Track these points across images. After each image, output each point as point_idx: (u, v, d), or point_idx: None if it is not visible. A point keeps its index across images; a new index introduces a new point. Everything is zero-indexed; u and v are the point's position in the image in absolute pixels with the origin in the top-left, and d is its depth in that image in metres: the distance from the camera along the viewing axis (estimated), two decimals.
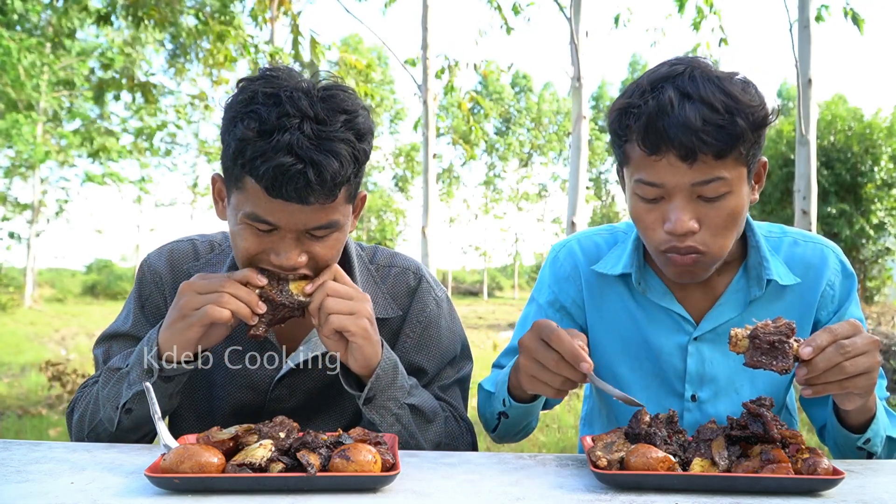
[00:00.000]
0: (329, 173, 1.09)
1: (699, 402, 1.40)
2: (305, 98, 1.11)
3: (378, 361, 1.21)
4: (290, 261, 1.16)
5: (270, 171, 1.07)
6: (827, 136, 12.35)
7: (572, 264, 1.48)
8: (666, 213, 1.21)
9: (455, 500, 0.94)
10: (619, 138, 1.25)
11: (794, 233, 1.43)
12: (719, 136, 1.14)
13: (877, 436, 1.26)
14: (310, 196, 1.10)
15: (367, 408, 1.23)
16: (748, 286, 1.37)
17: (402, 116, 31.48)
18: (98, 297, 27.01)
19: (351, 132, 1.13)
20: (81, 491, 0.94)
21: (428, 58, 7.04)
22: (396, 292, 1.44)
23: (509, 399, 1.30)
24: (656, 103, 1.16)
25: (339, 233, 1.21)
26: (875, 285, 13.52)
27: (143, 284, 1.42)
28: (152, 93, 7.19)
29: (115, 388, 1.25)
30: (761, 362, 1.07)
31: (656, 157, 1.18)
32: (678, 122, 1.14)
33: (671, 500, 0.95)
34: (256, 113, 1.10)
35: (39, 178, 21.35)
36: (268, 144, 1.08)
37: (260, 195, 1.12)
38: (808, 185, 5.67)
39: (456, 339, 1.47)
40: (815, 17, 5.62)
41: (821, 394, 1.08)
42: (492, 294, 37.97)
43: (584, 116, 5.98)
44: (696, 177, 1.17)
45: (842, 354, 1.05)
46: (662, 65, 1.24)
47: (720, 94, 1.15)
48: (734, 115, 1.14)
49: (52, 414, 5.63)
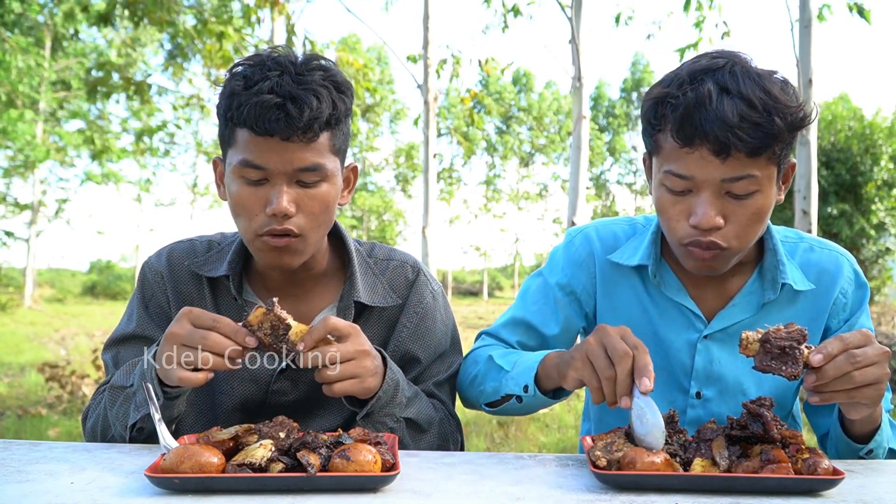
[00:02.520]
0: (308, 107, 1.19)
1: (704, 399, 1.40)
2: (287, 59, 1.24)
3: (379, 388, 1.22)
4: (281, 206, 1.21)
5: (253, 108, 1.18)
6: (827, 136, 12.35)
7: (588, 251, 1.47)
8: (692, 206, 1.20)
9: (455, 500, 0.94)
10: (651, 127, 1.24)
11: (810, 239, 1.43)
12: (755, 133, 1.13)
13: (879, 447, 1.25)
14: (291, 128, 1.19)
15: (364, 421, 1.24)
16: (762, 288, 1.36)
17: (402, 116, 31.48)
18: (98, 297, 27.00)
19: (329, 82, 1.24)
20: (81, 491, 0.94)
21: (429, 56, 7.04)
22: (395, 284, 1.46)
23: (534, 387, 1.27)
24: (694, 95, 1.16)
25: (327, 184, 1.27)
26: (875, 285, 13.51)
27: (145, 284, 1.44)
28: (147, 93, 7.19)
29: (123, 409, 1.26)
30: (770, 367, 1.07)
31: (689, 149, 1.17)
32: (715, 116, 1.13)
33: (671, 500, 0.95)
34: (242, 73, 1.24)
35: (39, 178, 21.35)
36: (251, 92, 1.20)
37: (248, 140, 1.22)
38: (809, 185, 5.67)
39: (448, 332, 1.50)
40: (816, 15, 5.62)
41: (828, 402, 1.08)
42: (492, 294, 37.97)
43: (585, 116, 5.98)
44: (728, 172, 1.16)
45: (852, 364, 1.04)
46: (702, 56, 1.23)
47: (759, 91, 1.14)
48: (772, 113, 1.13)
49: (51, 414, 5.63)
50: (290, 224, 1.24)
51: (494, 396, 1.36)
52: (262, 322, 1.11)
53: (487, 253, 36.84)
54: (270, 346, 1.12)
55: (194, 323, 1.12)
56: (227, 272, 1.38)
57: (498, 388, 1.35)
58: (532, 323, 1.47)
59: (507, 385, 1.33)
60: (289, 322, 1.12)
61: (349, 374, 1.15)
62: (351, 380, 1.15)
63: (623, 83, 37.09)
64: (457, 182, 33.79)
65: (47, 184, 22.48)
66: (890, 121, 12.66)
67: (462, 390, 1.47)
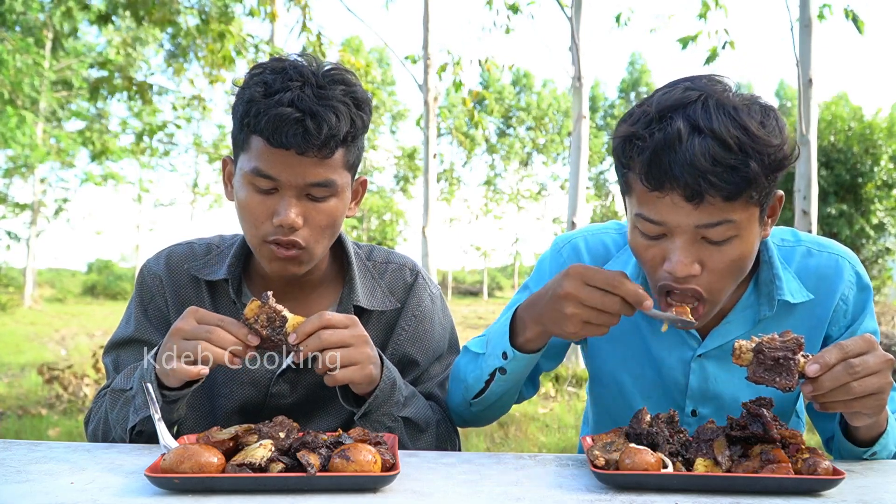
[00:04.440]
0: (327, 124, 1.18)
1: (699, 417, 1.37)
2: (309, 69, 1.23)
3: (378, 382, 1.22)
4: (289, 219, 1.21)
5: (272, 121, 1.17)
6: (827, 137, 12.34)
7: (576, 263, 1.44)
8: (667, 251, 1.12)
9: (455, 500, 0.94)
10: (622, 165, 1.16)
11: (809, 241, 1.35)
12: (729, 178, 1.03)
13: (884, 450, 1.22)
14: (307, 144, 1.18)
15: (362, 421, 1.24)
16: (758, 304, 1.30)
17: (402, 117, 31.46)
18: (98, 297, 27.00)
19: (349, 98, 1.23)
20: (81, 491, 0.94)
21: (429, 57, 7.04)
22: (394, 287, 1.46)
23: (512, 350, 1.23)
24: (662, 136, 1.06)
25: (336, 199, 1.27)
26: (875, 285, 13.50)
27: (143, 288, 1.44)
28: (148, 93, 7.19)
29: (123, 412, 1.27)
30: (764, 378, 1.04)
31: (659, 193, 1.08)
32: (685, 159, 1.03)
33: (671, 500, 0.95)
34: (263, 80, 1.22)
35: (39, 178, 21.35)
36: (271, 101, 1.18)
37: (262, 149, 1.21)
38: (809, 185, 5.67)
39: (446, 334, 1.51)
40: (816, 15, 5.62)
41: (827, 410, 1.05)
42: (492, 294, 37.95)
43: (584, 116, 5.98)
44: (702, 219, 1.07)
45: (850, 374, 1.00)
46: (675, 87, 1.12)
47: (735, 129, 1.04)
48: (748, 154, 1.04)
49: (51, 414, 5.63)
50: (296, 236, 1.24)
51: (480, 384, 1.29)
52: (259, 315, 1.13)
53: (487, 253, 36.84)
54: (269, 338, 1.13)
55: (199, 321, 1.14)
56: (227, 275, 1.38)
57: (480, 373, 1.29)
58: None
59: (487, 364, 1.28)
60: (284, 314, 1.13)
61: (350, 361, 1.15)
62: (352, 367, 1.15)
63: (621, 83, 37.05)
64: (457, 182, 33.78)
65: (47, 184, 22.49)
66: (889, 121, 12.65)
67: (450, 402, 1.41)
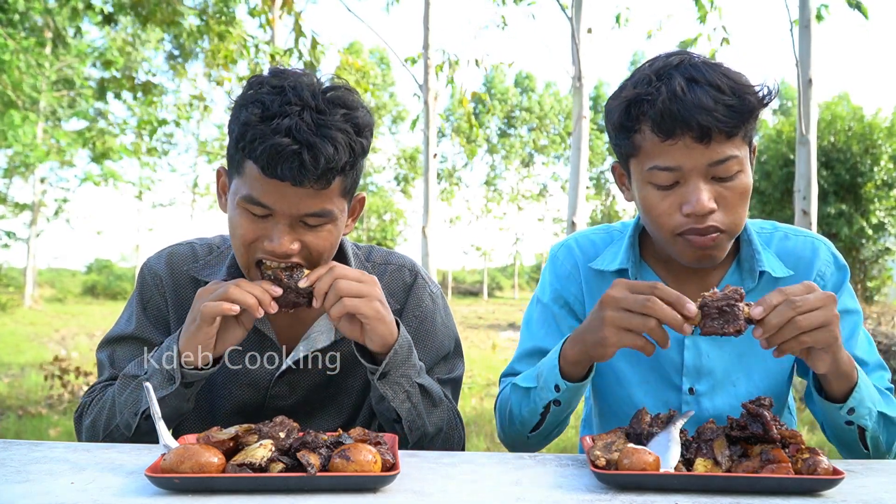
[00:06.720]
0: (324, 157, 1.13)
1: (697, 395, 1.41)
2: (308, 91, 1.17)
3: (394, 339, 1.23)
4: (283, 247, 1.19)
5: (267, 150, 1.12)
6: (827, 136, 12.35)
7: (572, 262, 1.50)
8: (684, 196, 1.23)
9: (455, 500, 0.94)
10: (626, 130, 1.27)
11: (786, 228, 1.46)
12: (731, 114, 1.18)
13: (861, 405, 1.23)
14: (304, 177, 1.14)
15: (381, 383, 1.24)
16: (741, 279, 1.39)
17: (403, 118, 31.46)
18: (98, 297, 27.00)
19: (349, 124, 1.18)
20: (81, 491, 0.94)
21: (429, 57, 7.04)
22: (393, 288, 1.46)
23: (563, 381, 1.27)
24: (667, 89, 1.20)
25: (332, 225, 1.24)
26: (875, 285, 13.52)
27: (144, 287, 1.44)
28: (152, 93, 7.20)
29: (134, 395, 1.27)
30: (714, 328, 1.10)
31: (671, 140, 1.21)
32: (693, 104, 1.18)
33: (671, 500, 0.95)
34: (261, 101, 1.16)
35: (39, 178, 21.34)
36: (268, 127, 1.13)
37: (257, 177, 1.16)
38: (809, 185, 5.67)
39: (450, 334, 1.50)
40: (815, 15, 5.62)
41: (784, 353, 1.10)
42: (492, 294, 37.96)
43: (585, 116, 5.98)
44: (713, 156, 1.21)
45: (793, 310, 1.07)
46: (657, 59, 1.28)
47: (724, 78, 1.20)
48: (742, 94, 1.19)
49: (52, 414, 5.63)
50: (298, 259, 1.23)
51: (535, 417, 1.35)
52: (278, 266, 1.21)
53: (488, 253, 36.84)
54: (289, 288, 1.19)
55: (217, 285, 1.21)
56: (226, 278, 1.37)
57: (535, 407, 1.34)
58: (544, 347, 1.46)
59: (541, 398, 1.32)
60: (304, 268, 1.22)
61: (357, 293, 1.17)
62: (359, 298, 1.17)
63: None
64: (457, 182, 33.78)
65: (47, 184, 22.48)
66: (889, 121, 12.65)
67: (505, 434, 1.46)
